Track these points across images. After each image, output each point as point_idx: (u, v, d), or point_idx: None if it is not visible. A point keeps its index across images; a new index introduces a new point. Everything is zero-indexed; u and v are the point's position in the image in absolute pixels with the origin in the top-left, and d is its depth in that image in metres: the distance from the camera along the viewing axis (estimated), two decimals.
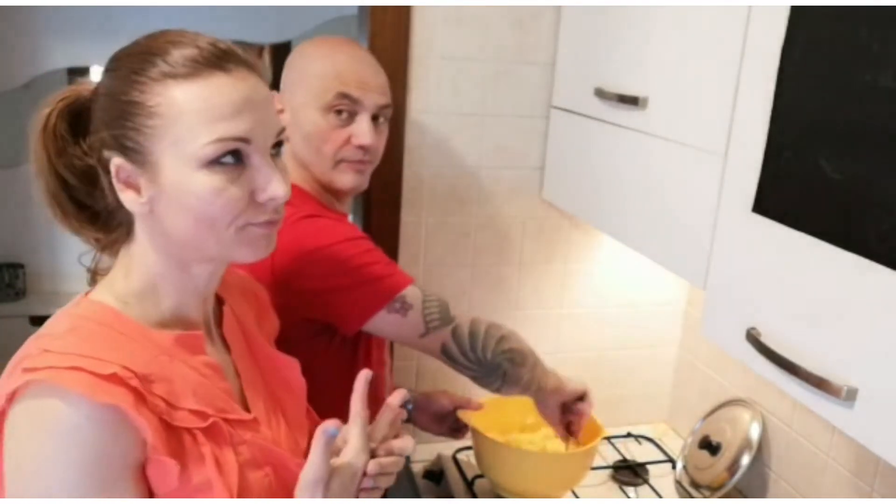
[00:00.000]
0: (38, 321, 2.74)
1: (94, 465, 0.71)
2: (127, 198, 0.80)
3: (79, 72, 2.97)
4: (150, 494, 0.76)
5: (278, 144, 0.83)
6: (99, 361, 0.72)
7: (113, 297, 0.82)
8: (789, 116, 0.89)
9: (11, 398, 0.72)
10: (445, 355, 1.20)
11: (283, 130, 0.83)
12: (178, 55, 0.77)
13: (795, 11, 0.87)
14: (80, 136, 0.83)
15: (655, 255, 1.24)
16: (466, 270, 1.70)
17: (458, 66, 1.58)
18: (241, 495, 0.80)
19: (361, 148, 1.21)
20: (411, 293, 1.17)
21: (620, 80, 1.33)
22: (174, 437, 0.76)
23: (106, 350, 0.75)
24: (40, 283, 2.98)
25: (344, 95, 1.19)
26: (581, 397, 1.38)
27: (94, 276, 0.89)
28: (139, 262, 0.84)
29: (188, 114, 0.76)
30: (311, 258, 1.13)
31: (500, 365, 1.23)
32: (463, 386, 1.72)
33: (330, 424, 0.78)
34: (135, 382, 0.73)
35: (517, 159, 1.66)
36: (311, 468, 0.79)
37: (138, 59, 0.78)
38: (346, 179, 1.23)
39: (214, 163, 0.77)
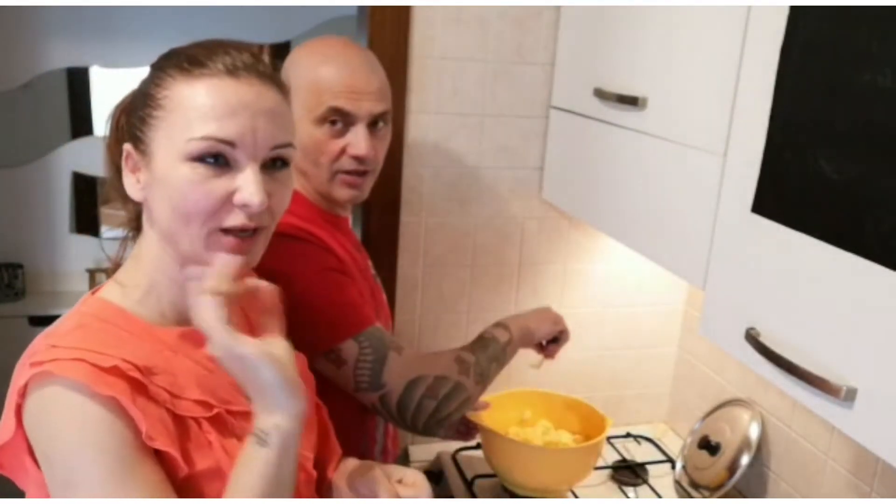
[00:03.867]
0: (37, 321, 2.74)
1: (106, 438, 0.73)
2: (128, 182, 0.83)
3: (78, 72, 2.97)
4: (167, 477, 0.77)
5: (279, 159, 0.83)
6: (100, 355, 0.75)
7: (120, 294, 0.84)
8: (788, 116, 0.89)
9: (23, 392, 0.75)
10: (377, 412, 1.17)
11: (286, 146, 0.83)
12: (201, 56, 0.80)
13: (795, 11, 0.87)
14: None
15: (655, 256, 1.25)
16: (466, 270, 1.70)
17: (458, 66, 1.58)
18: None
19: (357, 158, 1.18)
20: (348, 348, 1.12)
21: (620, 80, 1.33)
22: (181, 425, 0.78)
23: (109, 345, 0.77)
24: (39, 284, 2.98)
25: (336, 110, 1.15)
26: (555, 338, 1.40)
27: (110, 271, 0.92)
28: (145, 253, 0.86)
29: (185, 109, 0.78)
30: (284, 282, 1.09)
31: (432, 431, 1.19)
32: None
33: None
34: (135, 374, 0.76)
35: (517, 159, 1.66)
36: None
37: (171, 57, 0.82)
38: (343, 193, 1.21)
39: (198, 159, 0.78)
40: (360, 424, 1.26)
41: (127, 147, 0.82)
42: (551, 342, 1.41)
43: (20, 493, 0.81)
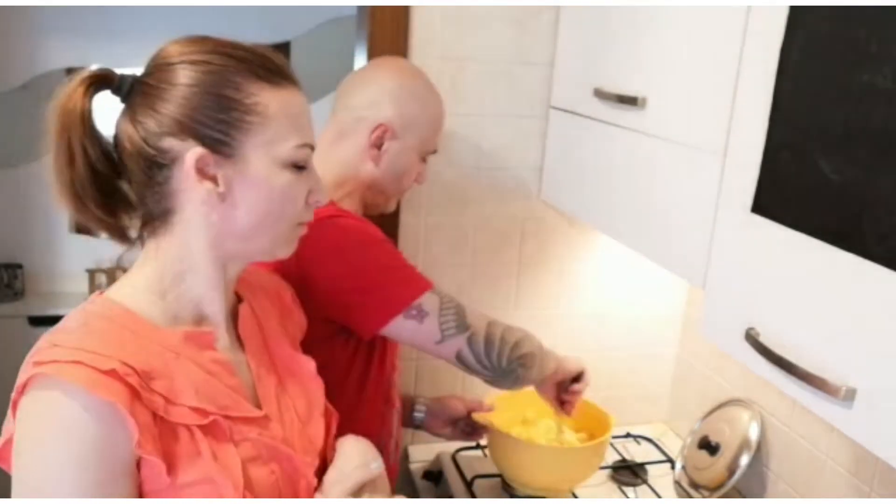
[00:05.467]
0: (36, 321, 2.74)
1: (90, 456, 0.73)
2: (202, 187, 0.82)
3: (77, 72, 2.97)
4: (140, 493, 0.77)
5: None
6: (100, 357, 0.75)
7: (129, 294, 0.84)
8: (788, 117, 0.89)
9: (22, 390, 0.76)
10: (460, 361, 1.21)
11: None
12: (265, 62, 0.84)
13: (794, 11, 0.88)
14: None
15: (654, 256, 1.25)
16: (465, 271, 1.70)
17: (458, 66, 1.58)
18: (245, 493, 0.80)
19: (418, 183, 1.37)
20: (428, 300, 1.18)
21: (619, 80, 1.33)
22: (169, 432, 0.78)
23: (109, 346, 0.77)
24: (39, 284, 2.97)
25: (436, 150, 1.37)
26: (577, 377, 1.41)
27: (114, 273, 0.93)
28: (172, 254, 0.85)
29: (281, 118, 0.84)
30: (335, 258, 1.15)
31: (514, 370, 1.25)
32: (463, 387, 1.72)
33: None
34: (133, 379, 0.75)
35: (516, 159, 1.66)
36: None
37: (229, 59, 0.83)
38: (393, 206, 1.38)
39: (294, 165, 0.85)
40: (380, 418, 1.31)
41: (197, 151, 0.81)
42: (573, 383, 1.42)
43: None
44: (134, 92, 0.84)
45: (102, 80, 0.83)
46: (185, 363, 0.82)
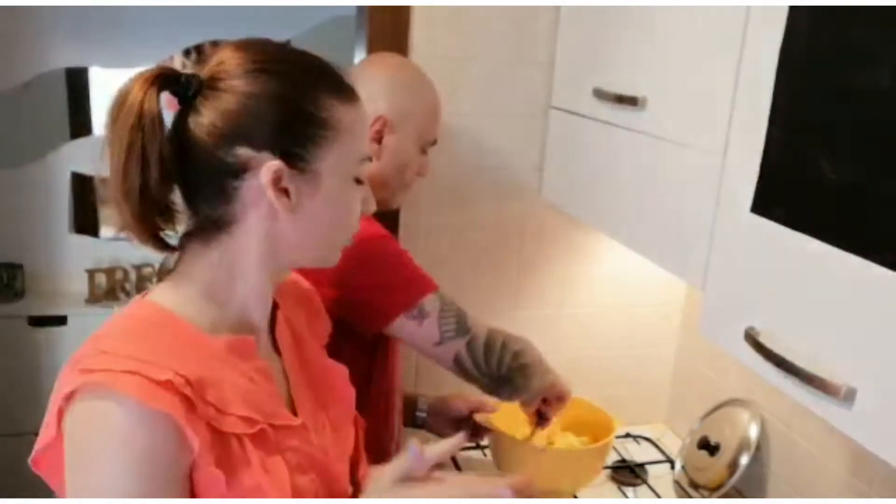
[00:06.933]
0: (36, 321, 2.74)
1: (145, 468, 0.72)
2: (279, 203, 0.80)
3: (77, 72, 2.97)
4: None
5: None
6: (153, 366, 0.73)
7: (172, 299, 0.83)
8: (788, 116, 0.89)
9: (70, 398, 0.74)
10: (457, 365, 1.21)
11: None
12: (338, 76, 0.85)
13: (794, 11, 0.87)
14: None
15: (654, 256, 1.25)
16: (465, 271, 1.70)
17: (457, 66, 1.58)
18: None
19: (421, 175, 1.36)
20: (430, 302, 1.18)
21: (619, 80, 1.33)
22: (222, 442, 0.77)
23: (160, 354, 0.75)
24: (39, 284, 2.97)
25: (436, 140, 1.37)
26: (560, 396, 1.40)
27: (160, 276, 0.92)
28: (226, 261, 0.83)
29: (352, 133, 0.84)
30: (343, 255, 1.14)
31: (513, 379, 1.24)
32: (465, 385, 1.72)
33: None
34: (187, 391, 0.74)
35: (516, 159, 1.66)
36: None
37: (305, 71, 0.83)
38: (399, 201, 1.37)
39: (357, 179, 0.86)
40: (383, 420, 1.32)
41: (274, 165, 0.79)
42: (557, 399, 1.42)
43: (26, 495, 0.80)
44: (200, 94, 0.80)
45: (167, 79, 0.79)
46: (229, 371, 0.81)
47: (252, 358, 0.85)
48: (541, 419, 1.43)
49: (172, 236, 0.85)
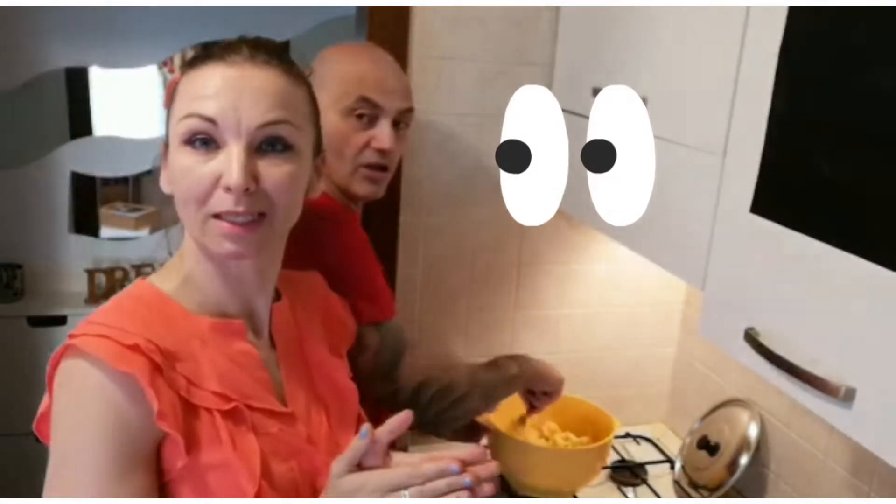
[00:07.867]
0: (36, 321, 2.74)
1: (112, 425, 0.75)
2: (161, 176, 0.86)
3: (77, 72, 2.97)
4: (160, 475, 0.78)
5: (276, 141, 0.81)
6: (124, 332, 0.77)
7: (168, 281, 0.87)
8: (788, 116, 0.89)
9: (55, 363, 0.79)
10: (383, 403, 1.20)
11: (277, 123, 0.80)
12: (212, 49, 0.82)
13: (794, 11, 0.87)
14: None
15: (654, 256, 1.25)
16: (465, 271, 1.70)
17: (457, 66, 1.58)
18: (262, 483, 0.80)
19: (381, 151, 1.19)
20: (370, 335, 1.16)
21: (619, 80, 1.32)
22: (192, 414, 0.79)
23: (137, 325, 0.79)
24: (38, 284, 2.97)
25: (365, 99, 1.17)
26: (547, 392, 1.45)
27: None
28: (185, 244, 0.88)
29: (181, 95, 0.82)
30: (319, 257, 1.13)
31: (435, 430, 1.28)
32: None
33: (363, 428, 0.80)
34: (155, 355, 0.77)
35: None
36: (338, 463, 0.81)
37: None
38: (362, 188, 1.22)
39: (189, 142, 0.79)
40: (376, 416, 1.30)
41: (161, 144, 0.85)
42: (544, 394, 1.46)
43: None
44: None
45: None
46: (210, 351, 0.83)
47: (238, 341, 0.87)
48: (531, 408, 1.47)
49: None
